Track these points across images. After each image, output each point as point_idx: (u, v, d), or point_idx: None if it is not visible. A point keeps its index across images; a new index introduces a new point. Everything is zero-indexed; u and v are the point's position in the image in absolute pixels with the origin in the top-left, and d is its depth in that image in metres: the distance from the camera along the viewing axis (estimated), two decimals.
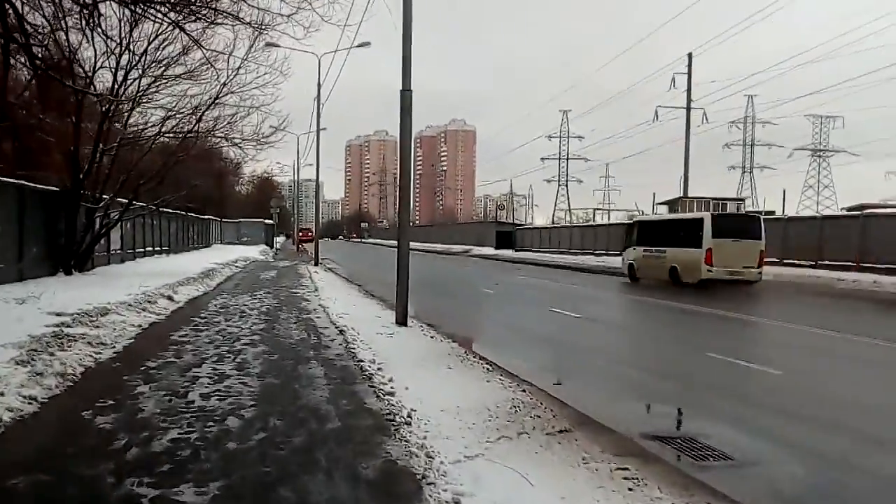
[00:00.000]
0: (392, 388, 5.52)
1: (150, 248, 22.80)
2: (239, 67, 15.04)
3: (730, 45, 79.87)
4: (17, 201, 12.07)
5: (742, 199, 54.58)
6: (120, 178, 14.88)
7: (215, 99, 15.11)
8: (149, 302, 9.45)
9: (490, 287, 19.41)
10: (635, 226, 22.41)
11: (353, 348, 7.25)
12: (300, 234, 58.75)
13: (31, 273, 12.50)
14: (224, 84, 15.16)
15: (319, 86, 28.18)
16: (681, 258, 18.35)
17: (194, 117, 14.87)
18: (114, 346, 6.32)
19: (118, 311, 8.14)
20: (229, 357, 6.27)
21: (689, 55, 45.21)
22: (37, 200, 13.11)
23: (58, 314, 7.31)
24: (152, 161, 15.49)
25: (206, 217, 38.25)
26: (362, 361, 6.54)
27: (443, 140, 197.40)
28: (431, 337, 8.87)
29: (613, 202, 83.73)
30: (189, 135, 14.97)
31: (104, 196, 14.75)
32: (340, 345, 7.58)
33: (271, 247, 46.41)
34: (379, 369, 6.27)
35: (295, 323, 9.21)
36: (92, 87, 13.92)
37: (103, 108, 14.20)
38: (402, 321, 9.76)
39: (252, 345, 7.08)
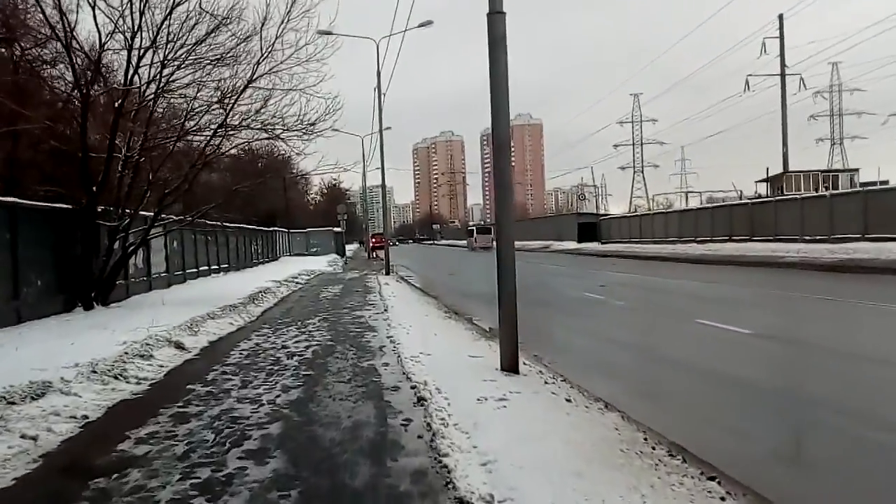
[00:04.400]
0: None
1: (204, 268, 20.52)
2: (275, 41, 12.11)
3: (811, 11, 71.54)
4: (8, 224, 9.58)
5: (856, 170, 48.02)
6: (142, 188, 12.27)
7: (249, 81, 12.22)
8: (141, 357, 6.51)
9: (596, 290, 15.63)
10: (470, 230, 65.06)
11: (445, 453, 3.85)
12: (372, 240, 56.41)
13: (37, 311, 10.03)
14: (258, 62, 12.26)
15: (379, 74, 25.49)
16: (470, 241, 58.62)
17: (223, 108, 12.00)
18: None
19: (69, 385, 5.16)
20: None
21: (780, 17, 39.58)
22: (39, 222, 10.66)
23: None
24: (177, 166, 12.83)
25: (272, 229, 36.32)
26: None
27: (510, 135, 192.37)
28: (567, 399, 5.36)
29: (691, 185, 77.80)
30: (219, 130, 12.17)
31: (128, 211, 12.19)
32: (420, 437, 4.22)
33: (342, 255, 44.26)
34: None
35: (349, 382, 5.93)
36: (100, 77, 11.36)
37: (115, 103, 11.60)
38: (511, 366, 6.34)
39: (259, 458, 3.80)
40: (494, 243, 40.08)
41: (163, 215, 12.98)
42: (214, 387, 5.66)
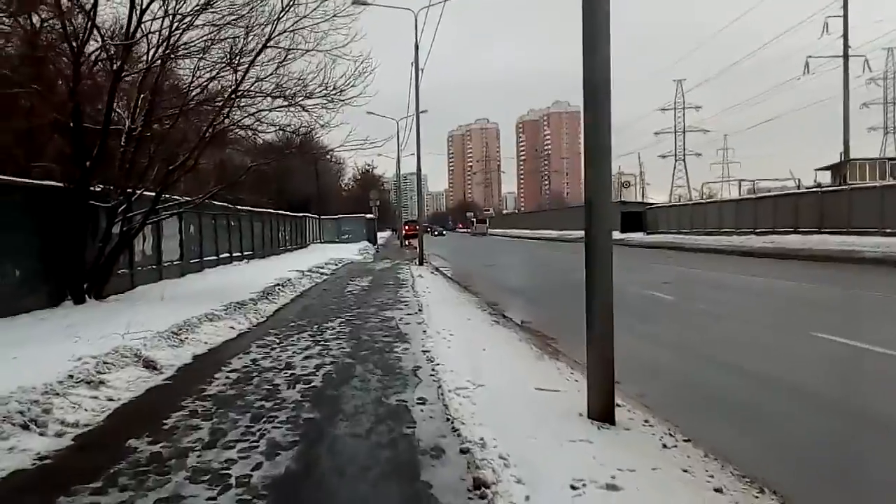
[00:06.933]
0: None
1: (225, 255, 18.97)
2: None
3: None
4: None
5: None
6: (144, 164, 10.58)
7: (268, 39, 10.38)
8: (87, 383, 4.75)
9: (661, 288, 13.43)
10: (472, 220, 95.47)
11: None
12: (406, 227, 54.63)
13: (12, 307, 8.48)
14: (279, 18, 10.42)
15: (417, 47, 23.57)
16: (472, 228, 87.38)
17: (234, 70, 10.21)
18: None
19: None
20: None
21: None
22: (19, 201, 9.07)
23: None
24: (185, 139, 11.09)
25: (301, 215, 34.83)
26: None
27: (546, 123, 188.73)
28: (715, 487, 3.35)
29: (732, 175, 74.13)
30: (232, 96, 10.38)
31: (128, 191, 10.53)
32: None
33: (373, 243, 42.65)
34: None
35: (368, 436, 4.03)
36: (94, 29, 9.68)
37: (114, 66, 9.92)
38: (604, 414, 4.38)
39: None
40: (488, 230, 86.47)
41: (165, 195, 11.28)
42: (168, 444, 3.82)
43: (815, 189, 32.92)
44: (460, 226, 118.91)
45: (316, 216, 41.24)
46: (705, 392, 5.89)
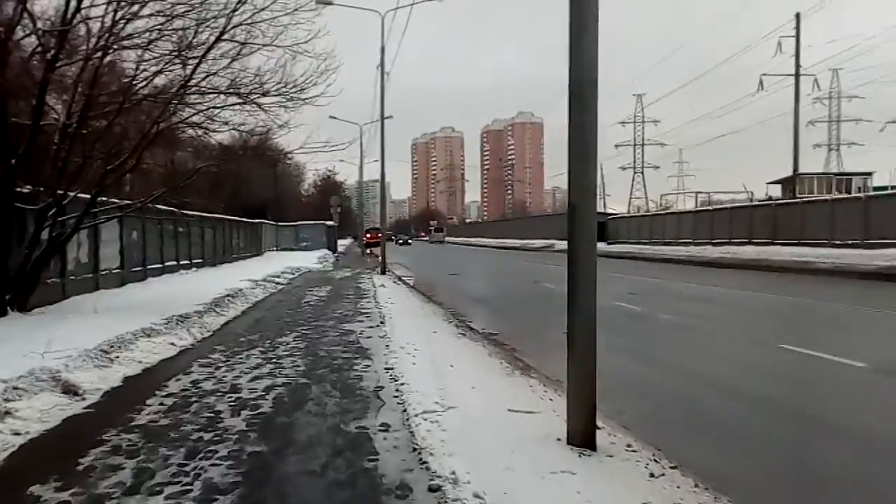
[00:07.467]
0: None
1: (171, 263, 17.91)
2: None
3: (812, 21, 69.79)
4: None
5: (870, 174, 46.76)
6: (77, 164, 9.72)
7: (222, 32, 9.70)
8: None
9: (627, 299, 13.17)
10: (429, 229, 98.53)
11: None
12: (367, 235, 53.75)
13: None
14: (234, 10, 9.76)
15: (383, 50, 23.18)
16: (431, 236, 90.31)
17: (182, 64, 9.49)
18: None
19: None
20: None
21: (797, 15, 37.61)
22: None
23: None
24: (125, 136, 10.27)
25: (257, 221, 33.65)
26: None
27: (510, 133, 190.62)
28: None
29: (688, 187, 76.60)
30: (180, 91, 9.64)
31: (59, 192, 9.63)
32: None
33: (333, 251, 41.69)
34: None
35: (322, 473, 3.47)
36: (25, 14, 8.85)
37: (48, 54, 9.09)
38: (585, 439, 3.98)
39: None
40: (445, 239, 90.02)
41: (104, 198, 10.41)
42: (80, 490, 3.16)
43: (768, 202, 33.78)
44: (422, 234, 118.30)
45: (273, 223, 40.06)
46: (684, 408, 5.55)
